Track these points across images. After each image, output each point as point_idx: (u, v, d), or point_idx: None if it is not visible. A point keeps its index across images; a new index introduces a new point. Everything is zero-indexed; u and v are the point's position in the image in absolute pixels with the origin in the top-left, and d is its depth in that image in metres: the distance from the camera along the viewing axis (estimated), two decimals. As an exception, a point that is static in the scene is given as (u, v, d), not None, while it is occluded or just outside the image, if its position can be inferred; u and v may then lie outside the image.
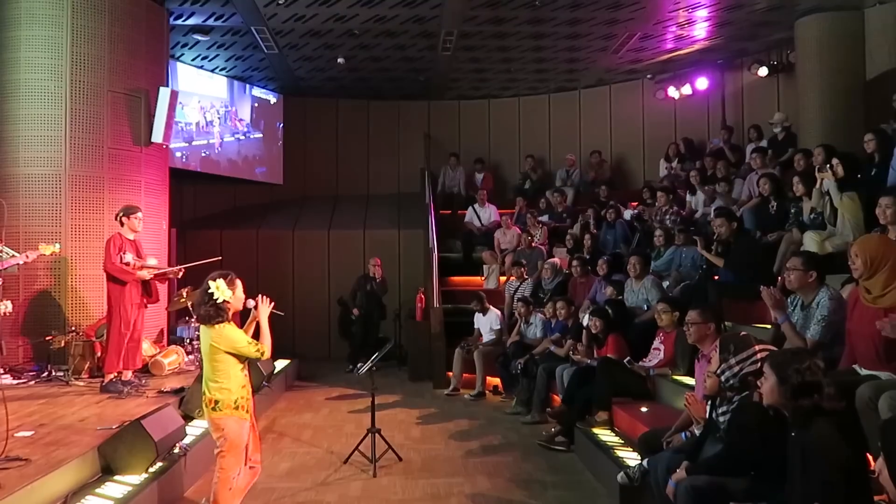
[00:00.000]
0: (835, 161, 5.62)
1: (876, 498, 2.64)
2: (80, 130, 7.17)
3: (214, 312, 3.59)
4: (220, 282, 3.64)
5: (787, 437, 2.66)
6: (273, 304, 3.92)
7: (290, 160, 12.62)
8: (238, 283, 3.77)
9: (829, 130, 7.74)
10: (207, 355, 3.68)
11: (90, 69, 7.23)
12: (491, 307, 8.41)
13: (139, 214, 6.23)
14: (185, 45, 9.94)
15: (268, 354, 3.77)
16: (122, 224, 6.16)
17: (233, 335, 3.64)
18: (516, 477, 4.96)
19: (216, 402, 3.63)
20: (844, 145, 6.56)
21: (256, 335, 3.78)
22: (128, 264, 5.99)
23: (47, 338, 6.74)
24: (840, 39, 8.24)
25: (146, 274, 6.12)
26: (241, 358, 3.68)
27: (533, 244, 9.75)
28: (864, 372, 3.34)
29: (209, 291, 3.60)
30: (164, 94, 7.74)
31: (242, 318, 3.93)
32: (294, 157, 12.65)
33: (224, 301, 3.61)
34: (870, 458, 3.00)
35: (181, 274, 6.59)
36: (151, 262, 6.33)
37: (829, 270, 4.31)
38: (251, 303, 3.86)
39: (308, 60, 10.64)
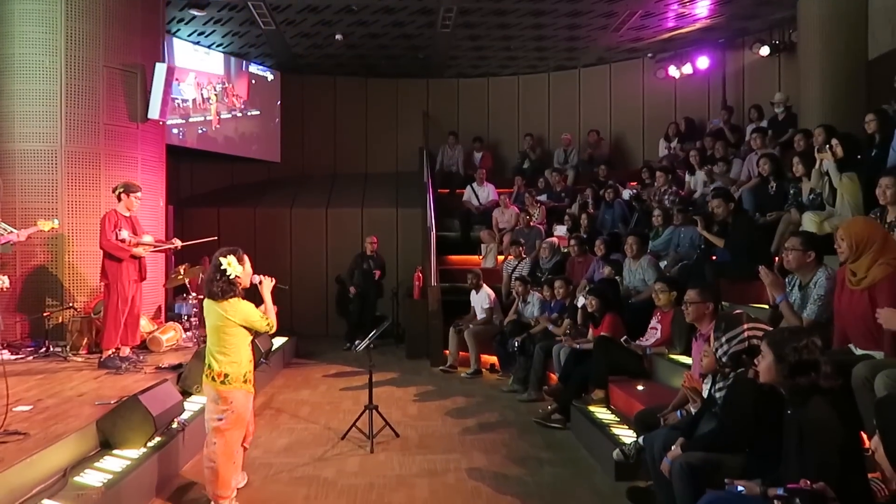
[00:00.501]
0: (834, 142, 5.59)
1: (870, 476, 2.66)
2: (76, 106, 7.10)
3: (227, 287, 3.76)
4: (231, 258, 3.79)
5: (782, 414, 2.68)
6: (276, 280, 4.09)
7: (287, 138, 12.54)
8: (246, 259, 3.92)
9: (829, 111, 7.69)
10: (217, 330, 3.79)
11: (85, 44, 7.14)
12: (483, 285, 8.40)
13: (139, 194, 6.20)
14: (181, 21, 9.83)
15: (275, 328, 3.96)
16: (119, 199, 6.13)
17: (247, 309, 3.81)
18: (512, 453, 5.00)
19: (225, 375, 3.75)
20: (845, 126, 6.52)
21: None
22: (123, 241, 5.97)
23: (45, 314, 6.75)
24: (842, 19, 8.15)
25: (142, 251, 6.11)
26: (251, 332, 3.83)
27: (531, 223, 9.73)
28: (858, 351, 3.36)
29: (221, 267, 3.75)
30: (160, 69, 7.66)
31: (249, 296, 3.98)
32: (292, 134, 12.57)
33: (236, 276, 3.77)
34: (864, 436, 3.02)
35: (179, 247, 6.58)
36: (147, 238, 6.31)
37: (827, 251, 4.30)
38: (256, 279, 4.02)
39: (306, 37, 10.53)
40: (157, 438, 4.38)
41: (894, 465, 1.83)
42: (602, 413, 5.32)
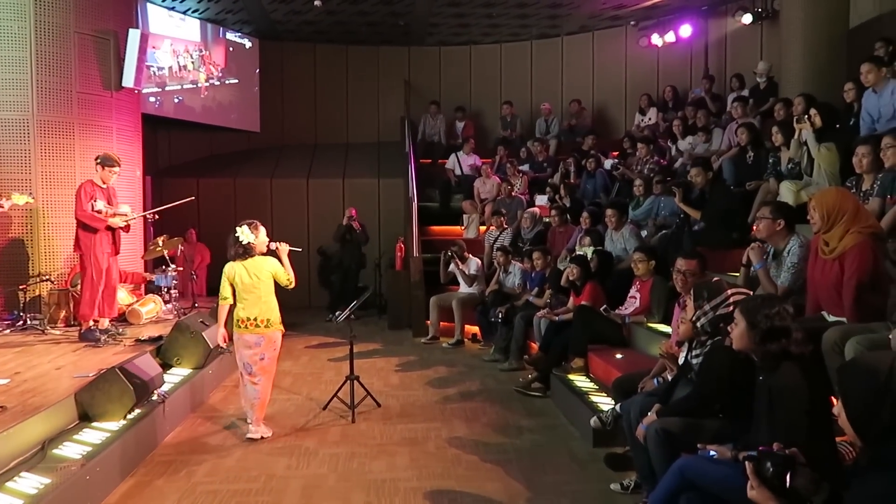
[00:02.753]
0: (812, 111, 5.60)
1: (838, 440, 2.72)
2: (47, 74, 6.93)
3: (243, 251, 4.58)
4: (244, 227, 4.59)
5: (755, 380, 2.72)
6: (289, 244, 4.79)
7: (267, 107, 12.35)
8: (261, 228, 4.67)
9: (811, 79, 7.69)
10: (249, 287, 4.57)
11: (55, 9, 6.94)
12: (469, 255, 8.39)
13: (116, 169, 6.04)
14: (154, -15, 9.58)
15: (293, 283, 4.75)
16: (97, 170, 6.00)
17: (271, 264, 4.65)
18: (493, 422, 5.06)
19: (268, 320, 4.60)
20: (826, 95, 6.54)
21: None
22: (99, 212, 5.88)
23: (21, 287, 6.66)
24: (825, -14, 8.12)
25: (119, 221, 6.01)
26: (284, 283, 4.68)
27: (513, 193, 9.72)
28: (831, 318, 3.42)
29: (236, 235, 4.57)
30: (133, 36, 7.48)
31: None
32: (271, 103, 12.38)
33: (249, 242, 4.56)
34: (833, 400, 3.09)
35: (156, 217, 6.50)
36: (124, 209, 6.22)
37: (803, 220, 4.35)
38: (273, 245, 4.72)
39: (284, 3, 10.32)
40: (138, 410, 4.38)
41: (855, 430, 1.88)
42: (581, 381, 5.38)
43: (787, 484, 2.01)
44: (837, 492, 2.04)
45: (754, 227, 5.62)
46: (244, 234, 4.57)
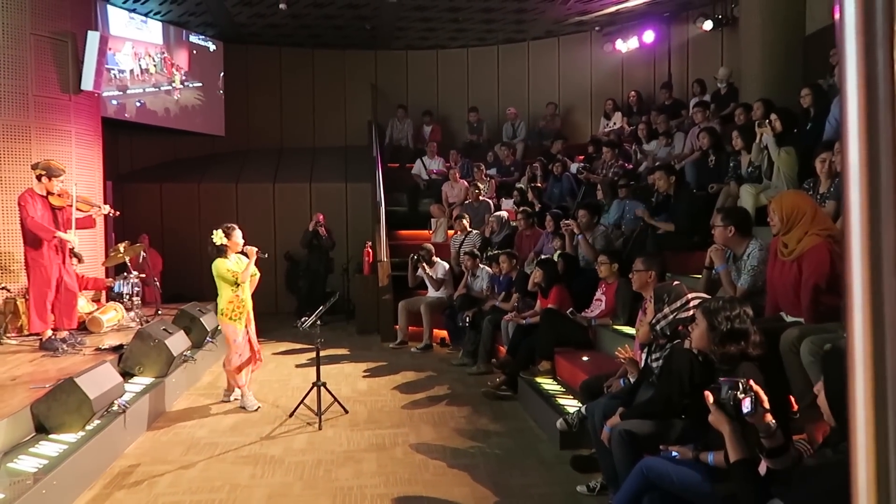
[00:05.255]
0: (773, 116, 5.73)
1: (795, 437, 2.78)
2: (2, 77, 6.74)
3: (216, 252, 5.36)
4: (219, 231, 5.31)
5: (714, 381, 2.76)
6: (259, 249, 5.47)
7: (231, 111, 12.16)
8: (236, 231, 5.41)
9: (769, 85, 7.87)
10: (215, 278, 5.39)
11: (9, 10, 6.76)
12: (437, 259, 8.40)
13: (62, 178, 5.78)
14: (115, -13, 9.40)
15: (241, 281, 5.36)
16: (38, 179, 5.69)
17: (220, 266, 5.34)
18: (461, 426, 5.06)
19: (221, 311, 5.44)
20: (784, 100, 6.69)
21: None
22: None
23: (-25, 295, 6.47)
24: (782, -6, 8.33)
25: (71, 237, 5.78)
26: (228, 281, 5.34)
27: (480, 197, 9.75)
28: (789, 318, 3.49)
29: (212, 237, 5.32)
30: (92, 38, 7.33)
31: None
32: (236, 107, 12.20)
33: (222, 244, 5.30)
34: (792, 399, 3.15)
35: (111, 212, 6.34)
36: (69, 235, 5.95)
37: (763, 223, 4.44)
38: (250, 249, 5.42)
39: (248, 5, 10.20)
40: (97, 421, 4.28)
41: (832, 409, 2.07)
42: (548, 384, 5.41)
43: (741, 409, 2.20)
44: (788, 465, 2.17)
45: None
46: (217, 236, 5.31)
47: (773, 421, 2.20)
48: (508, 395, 5.78)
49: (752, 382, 2.23)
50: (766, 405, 2.20)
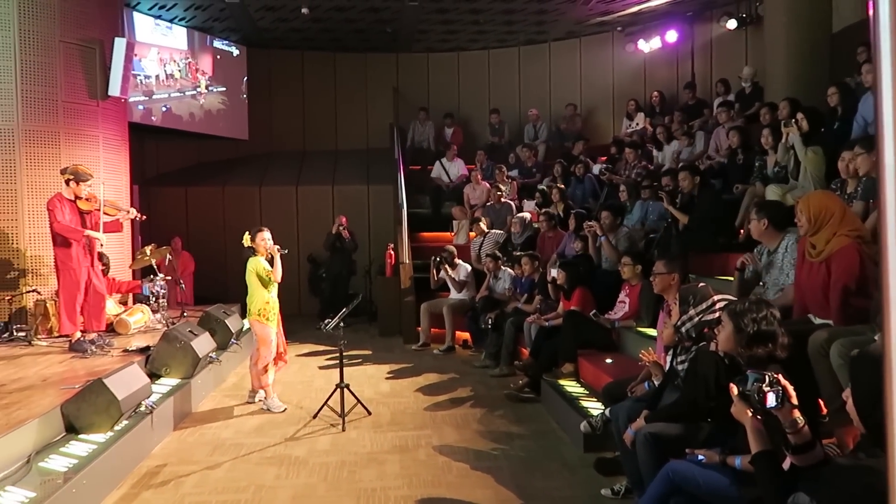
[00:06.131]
0: (800, 115, 5.65)
1: (825, 441, 2.73)
2: (32, 83, 6.88)
3: (248, 252, 5.56)
4: (247, 234, 5.54)
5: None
6: (279, 246, 5.57)
7: (255, 115, 12.31)
8: (262, 234, 5.55)
9: (795, 84, 7.76)
10: (247, 278, 5.55)
11: (40, 18, 6.90)
12: (459, 261, 8.40)
13: (90, 182, 5.92)
14: (141, -6, 9.56)
15: (276, 279, 5.54)
16: (67, 184, 5.85)
17: (256, 264, 5.50)
18: (483, 428, 5.05)
19: (248, 310, 5.58)
20: (809, 99, 6.60)
21: None
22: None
23: (7, 297, 6.60)
24: (808, -9, 8.21)
25: (100, 236, 5.90)
26: (263, 280, 5.49)
27: (502, 199, 9.73)
28: (817, 321, 3.43)
29: (242, 241, 5.53)
30: (119, 44, 7.44)
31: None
32: (259, 111, 12.34)
33: (250, 246, 5.51)
34: (821, 403, 3.10)
35: (138, 216, 6.44)
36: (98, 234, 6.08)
37: (790, 224, 4.37)
38: (276, 248, 5.54)
39: (271, 10, 10.31)
40: (125, 422, 4.34)
41: (860, 416, 2.03)
42: (571, 386, 5.39)
43: (766, 402, 2.18)
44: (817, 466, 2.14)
45: (741, 232, 5.66)
46: (245, 239, 5.52)
47: (801, 417, 2.17)
48: (531, 397, 5.76)
49: (779, 377, 2.20)
50: (794, 401, 2.16)
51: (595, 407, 4.69)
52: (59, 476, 3.51)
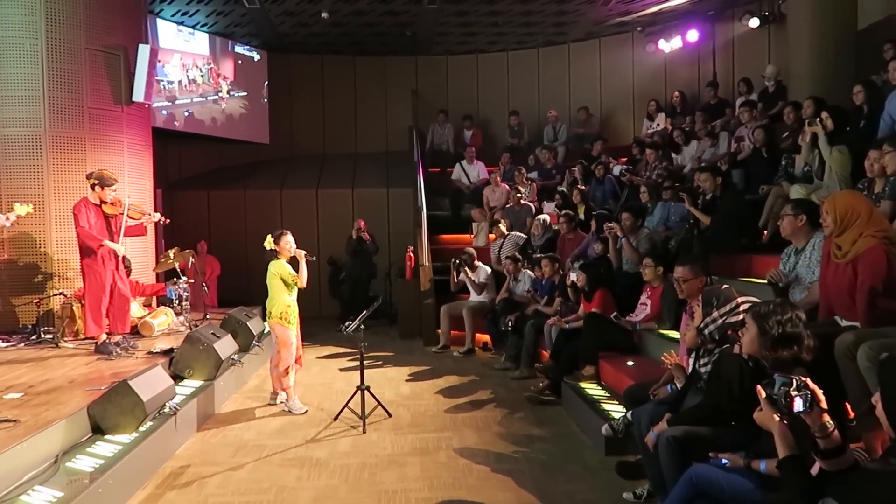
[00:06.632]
0: (824, 114, 5.57)
1: (853, 446, 2.69)
2: (59, 90, 7.02)
3: (269, 255, 5.57)
4: (269, 237, 5.54)
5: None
6: (306, 252, 5.68)
7: (275, 119, 12.42)
8: (286, 237, 5.59)
9: (819, 82, 7.66)
10: (267, 282, 5.59)
11: (66, 26, 7.04)
12: (479, 263, 8.39)
13: (115, 187, 6.01)
14: (163, 0, 9.68)
15: (302, 284, 5.62)
16: (92, 189, 5.94)
17: (280, 267, 5.55)
18: (504, 430, 5.04)
19: (269, 313, 5.61)
20: (834, 97, 6.51)
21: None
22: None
23: (35, 300, 6.73)
24: (832, -12, 8.09)
25: (118, 247, 5.97)
26: (286, 284, 5.54)
27: (521, 201, 9.71)
28: (844, 323, 3.38)
29: (265, 243, 5.53)
30: (143, 51, 7.56)
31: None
32: (280, 115, 12.45)
33: (272, 249, 5.52)
34: (847, 406, 3.05)
35: (162, 220, 6.52)
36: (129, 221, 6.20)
37: (815, 225, 4.31)
38: (299, 252, 5.62)
39: (291, 15, 10.40)
40: (149, 423, 4.40)
41: (890, 421, 2.00)
42: (592, 389, 5.35)
43: (793, 407, 2.14)
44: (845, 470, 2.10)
45: (769, 232, 5.59)
46: (268, 242, 5.54)
47: (831, 421, 2.13)
48: (552, 399, 5.74)
49: (808, 380, 2.16)
50: (824, 405, 2.13)
51: (616, 410, 4.66)
52: (85, 476, 3.57)
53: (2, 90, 6.90)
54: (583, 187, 9.21)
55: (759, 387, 2.24)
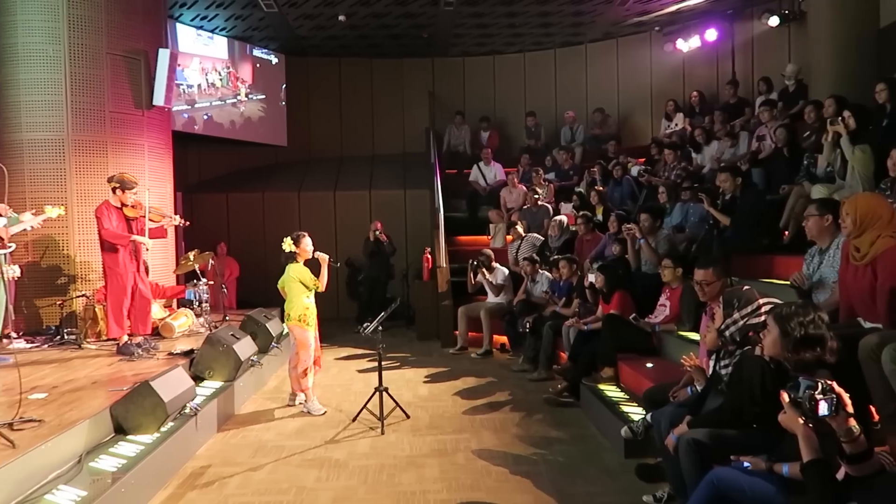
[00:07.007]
0: (847, 113, 5.49)
1: (878, 450, 2.65)
2: (81, 94, 7.13)
3: (287, 257, 5.59)
4: (288, 239, 5.57)
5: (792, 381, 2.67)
6: (330, 257, 5.77)
7: (293, 121, 12.51)
8: (305, 239, 5.63)
9: (840, 81, 7.55)
10: (284, 285, 5.63)
11: (87, 31, 7.15)
12: (496, 265, 8.39)
13: (135, 190, 6.08)
14: (183, 5, 9.79)
15: (322, 288, 5.65)
16: (113, 192, 6.02)
17: (300, 270, 5.58)
18: (522, 432, 5.03)
19: (288, 315, 5.63)
20: (857, 96, 6.41)
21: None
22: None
23: (59, 302, 6.83)
24: (854, -15, 7.99)
25: (145, 240, 6.06)
26: (306, 287, 5.57)
27: (539, 202, 9.69)
28: (867, 324, 3.34)
29: (283, 245, 5.57)
30: (163, 55, 7.65)
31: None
32: (298, 118, 12.54)
33: (291, 251, 5.54)
34: (872, 409, 3.01)
35: (182, 222, 6.59)
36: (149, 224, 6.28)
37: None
38: (318, 254, 5.65)
39: (308, 18, 10.47)
40: (170, 423, 4.44)
41: None
42: (611, 391, 5.33)
43: (818, 411, 2.10)
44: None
45: (785, 233, 5.53)
46: (287, 244, 5.55)
47: (857, 426, 2.09)
48: (570, 401, 5.72)
49: (834, 384, 2.12)
50: (850, 409, 2.09)
51: (636, 412, 4.63)
52: (108, 476, 3.61)
53: (26, 95, 7.02)
54: (601, 188, 9.17)
55: (782, 392, 2.20)
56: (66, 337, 6.61)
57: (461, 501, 3.80)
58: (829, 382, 2.12)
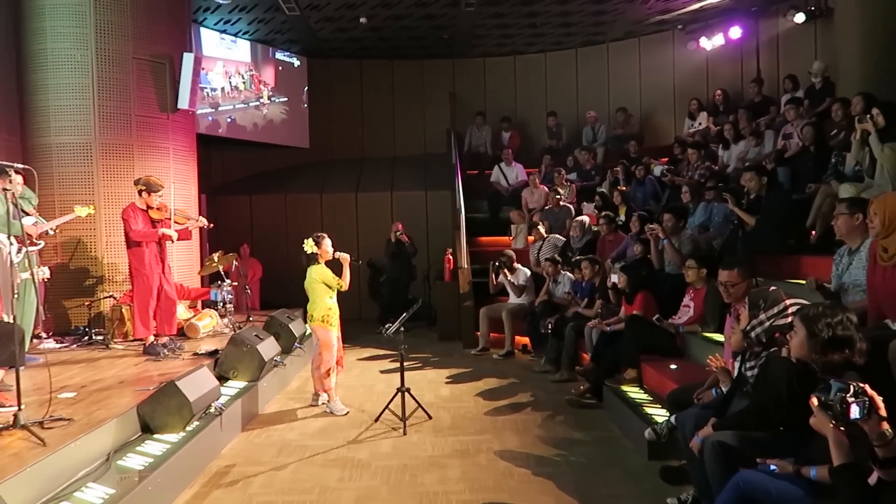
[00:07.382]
0: (875, 111, 5.39)
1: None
2: (108, 98, 7.25)
3: (309, 259, 5.64)
4: (309, 240, 5.62)
5: (822, 384, 2.63)
6: (351, 256, 5.82)
7: (315, 123, 12.60)
8: (325, 241, 5.68)
9: (869, 78, 7.40)
10: (307, 286, 5.66)
11: (114, 36, 7.27)
12: (518, 266, 8.37)
13: (161, 193, 6.17)
14: (206, 10, 9.91)
15: (345, 287, 5.69)
16: (139, 195, 6.11)
17: (323, 271, 5.64)
18: (544, 434, 5.01)
19: (311, 316, 5.68)
20: (886, 93, 6.28)
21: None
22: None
23: (87, 303, 6.95)
24: (882, -20, 7.84)
25: (172, 233, 6.13)
26: (329, 287, 5.62)
27: (560, 203, 9.64)
28: (895, 326, 3.27)
29: (304, 247, 5.61)
30: (187, 59, 7.75)
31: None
32: (320, 120, 12.63)
33: (313, 252, 5.59)
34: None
35: (206, 224, 6.66)
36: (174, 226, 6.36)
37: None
38: (339, 254, 5.71)
39: (330, 21, 10.54)
40: (196, 422, 4.50)
41: None
42: (634, 392, 5.29)
43: (849, 414, 2.05)
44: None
45: (812, 233, 5.44)
46: (308, 245, 5.60)
47: (890, 429, 2.05)
48: (593, 403, 5.69)
49: (866, 387, 2.08)
50: (883, 412, 2.04)
51: (659, 414, 4.59)
52: (135, 474, 3.66)
53: (55, 100, 7.16)
54: (623, 188, 9.10)
55: (812, 396, 2.15)
56: (93, 337, 6.73)
57: (483, 502, 3.80)
58: (861, 385, 2.08)
